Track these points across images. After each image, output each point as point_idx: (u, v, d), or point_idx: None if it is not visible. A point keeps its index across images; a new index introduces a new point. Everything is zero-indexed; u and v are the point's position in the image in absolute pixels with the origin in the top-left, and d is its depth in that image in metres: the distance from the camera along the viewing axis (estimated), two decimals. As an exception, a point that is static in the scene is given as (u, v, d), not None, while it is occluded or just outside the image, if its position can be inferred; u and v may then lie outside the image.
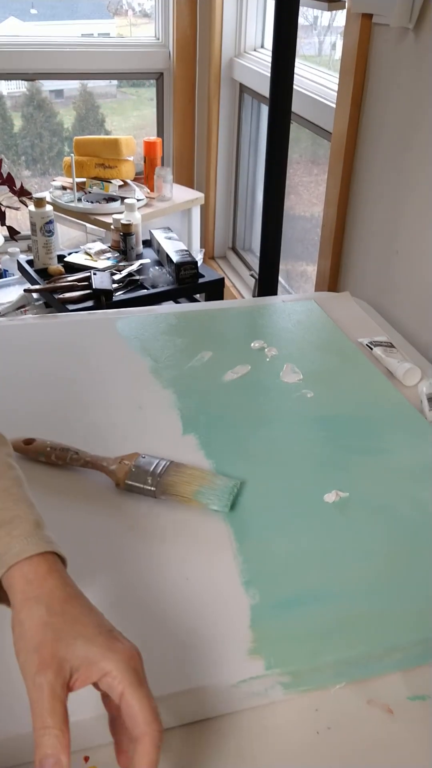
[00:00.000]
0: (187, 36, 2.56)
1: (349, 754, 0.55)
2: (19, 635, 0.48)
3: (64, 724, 0.45)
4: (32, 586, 0.49)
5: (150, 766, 0.45)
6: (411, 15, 1.12)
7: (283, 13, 1.34)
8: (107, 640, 0.47)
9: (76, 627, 0.48)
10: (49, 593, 0.49)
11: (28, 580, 0.50)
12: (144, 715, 0.46)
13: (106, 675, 0.46)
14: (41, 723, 0.45)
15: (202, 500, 0.74)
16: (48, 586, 0.49)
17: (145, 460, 0.78)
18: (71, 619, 0.48)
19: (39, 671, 0.46)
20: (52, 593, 0.49)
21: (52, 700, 0.45)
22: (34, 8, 2.77)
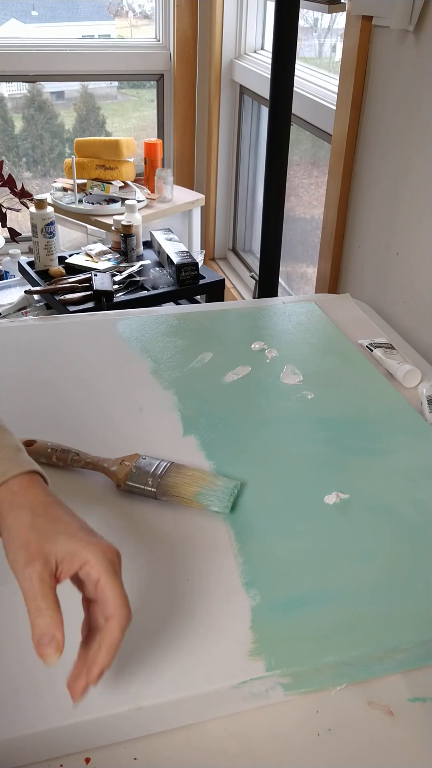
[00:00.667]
0: (188, 37, 2.56)
1: (350, 756, 0.55)
2: (7, 538, 0.52)
3: (56, 606, 0.49)
4: (17, 496, 0.54)
5: (112, 643, 0.51)
6: (411, 17, 1.12)
7: (283, 14, 1.34)
8: (87, 535, 0.53)
9: (59, 525, 0.52)
10: (33, 500, 0.54)
11: (12, 492, 0.54)
12: (115, 600, 0.51)
13: (86, 564, 0.51)
14: (35, 607, 0.50)
15: (203, 502, 0.74)
16: (31, 494, 0.55)
17: (146, 461, 0.78)
18: (54, 520, 0.53)
19: (27, 564, 0.50)
20: (36, 499, 0.54)
21: (42, 586, 0.50)
22: (35, 10, 2.77)
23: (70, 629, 0.61)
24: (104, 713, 0.54)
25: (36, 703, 0.55)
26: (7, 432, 0.61)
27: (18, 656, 0.58)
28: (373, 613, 0.63)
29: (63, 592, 0.64)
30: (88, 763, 0.54)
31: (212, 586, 0.65)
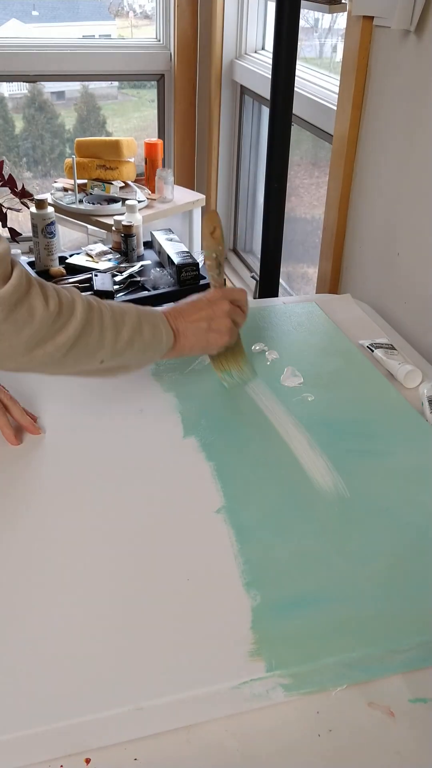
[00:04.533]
0: (188, 37, 2.56)
1: (351, 757, 0.55)
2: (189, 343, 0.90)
3: None
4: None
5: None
6: (412, 17, 1.12)
7: (283, 15, 1.34)
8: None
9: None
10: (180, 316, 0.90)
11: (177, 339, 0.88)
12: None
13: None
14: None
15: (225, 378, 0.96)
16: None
17: None
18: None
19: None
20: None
21: None
22: (36, 10, 2.77)
23: (71, 628, 0.61)
24: (104, 713, 0.54)
25: (36, 703, 0.55)
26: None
27: (18, 656, 0.58)
28: (374, 614, 0.63)
29: (63, 594, 0.64)
30: (88, 764, 0.54)
31: (212, 586, 0.65)
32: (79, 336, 0.75)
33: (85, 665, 0.58)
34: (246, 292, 0.95)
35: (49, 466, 0.82)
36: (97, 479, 0.79)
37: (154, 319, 0.84)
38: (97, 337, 0.77)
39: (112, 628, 0.61)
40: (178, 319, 0.87)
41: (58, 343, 0.73)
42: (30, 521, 0.73)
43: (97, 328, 0.77)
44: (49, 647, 0.59)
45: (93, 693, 0.55)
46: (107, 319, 0.78)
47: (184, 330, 0.87)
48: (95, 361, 0.79)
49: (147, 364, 0.92)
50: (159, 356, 0.87)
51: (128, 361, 0.84)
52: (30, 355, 0.72)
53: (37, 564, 0.68)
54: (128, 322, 0.80)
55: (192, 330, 0.88)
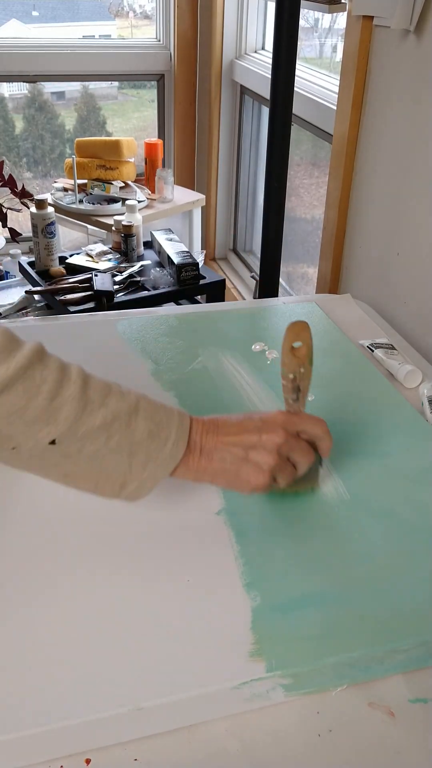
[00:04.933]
0: (188, 37, 2.56)
1: (351, 757, 0.55)
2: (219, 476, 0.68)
3: None
4: (193, 464, 0.67)
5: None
6: (412, 17, 1.12)
7: (283, 14, 1.34)
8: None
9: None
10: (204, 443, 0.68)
11: (189, 467, 0.67)
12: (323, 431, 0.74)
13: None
14: None
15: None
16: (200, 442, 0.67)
17: None
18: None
19: None
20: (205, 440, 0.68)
21: None
22: (36, 10, 2.77)
23: (72, 629, 0.61)
24: (104, 714, 0.54)
25: (36, 703, 0.55)
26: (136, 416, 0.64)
27: (18, 657, 0.58)
28: (374, 614, 0.63)
29: (63, 594, 0.64)
30: (88, 764, 0.54)
31: (213, 587, 0.65)
32: (5, 390, 0.57)
33: (85, 665, 0.58)
34: (325, 424, 0.71)
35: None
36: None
37: (166, 419, 0.64)
38: (43, 405, 0.58)
39: (112, 629, 0.61)
40: (208, 434, 0.66)
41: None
42: (30, 522, 0.73)
43: (47, 392, 0.58)
44: (50, 647, 0.59)
45: (93, 693, 0.55)
46: (71, 389, 0.59)
47: (210, 449, 0.66)
48: (41, 437, 0.58)
49: (148, 479, 0.64)
50: (163, 469, 0.64)
51: (111, 466, 0.62)
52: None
53: (37, 564, 0.68)
54: (111, 405, 0.61)
55: (221, 453, 0.66)
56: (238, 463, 0.66)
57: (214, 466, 0.66)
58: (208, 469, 0.66)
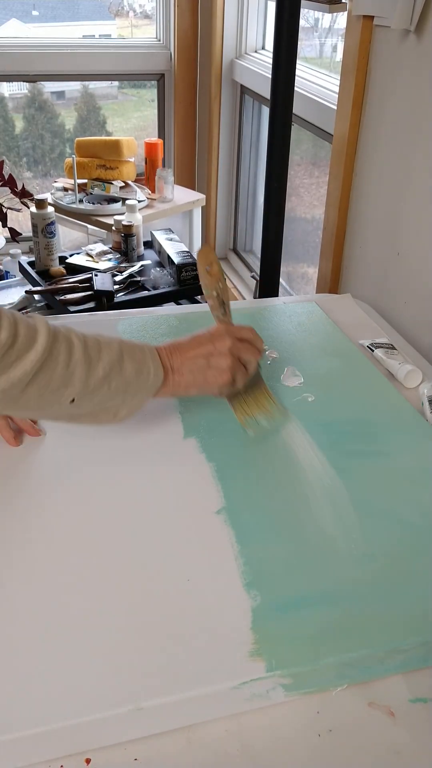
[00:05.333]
0: (188, 37, 2.56)
1: (351, 757, 0.55)
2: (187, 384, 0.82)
3: None
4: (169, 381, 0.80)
5: None
6: (412, 17, 1.12)
7: (284, 14, 1.34)
8: None
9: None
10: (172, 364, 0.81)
11: (168, 384, 0.80)
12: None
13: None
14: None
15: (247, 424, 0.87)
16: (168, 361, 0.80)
17: None
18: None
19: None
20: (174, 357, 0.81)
21: None
22: (36, 10, 2.77)
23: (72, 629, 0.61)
24: (104, 713, 0.54)
25: (36, 703, 0.55)
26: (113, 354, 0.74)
27: (18, 657, 0.58)
28: (374, 614, 0.63)
29: (63, 594, 0.64)
30: (88, 764, 0.54)
31: (213, 586, 0.65)
32: (39, 370, 0.66)
33: (85, 665, 0.58)
34: (254, 330, 0.87)
35: (50, 468, 0.82)
36: (98, 481, 0.79)
37: (141, 355, 0.77)
38: (62, 373, 0.68)
39: (112, 629, 0.61)
40: (173, 355, 0.80)
41: (12, 378, 0.65)
42: (30, 522, 0.73)
43: (63, 362, 0.69)
44: (50, 647, 0.59)
45: (93, 693, 0.55)
46: (77, 352, 0.70)
47: (179, 366, 0.80)
48: (64, 400, 0.70)
49: (137, 405, 0.78)
50: (148, 395, 0.78)
51: (110, 402, 0.75)
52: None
53: (38, 564, 0.68)
54: (105, 356, 0.72)
55: (188, 366, 0.80)
56: (204, 371, 0.81)
57: (186, 378, 0.80)
58: (181, 382, 0.80)
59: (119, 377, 0.74)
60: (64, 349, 0.69)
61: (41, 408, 0.70)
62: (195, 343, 0.82)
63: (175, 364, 0.80)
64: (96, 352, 0.72)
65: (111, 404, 0.75)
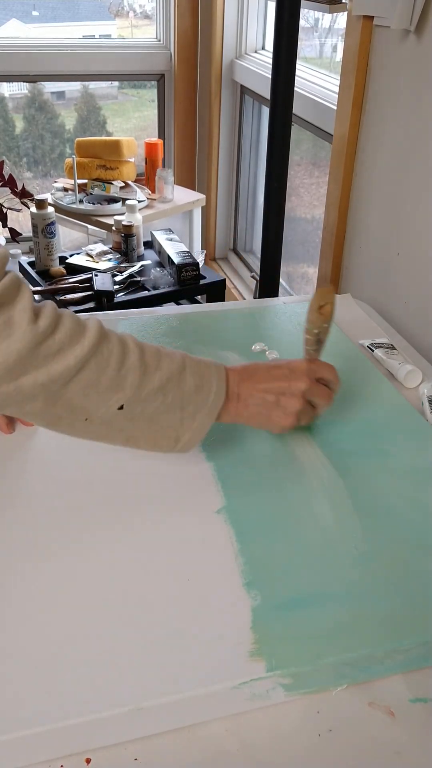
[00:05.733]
0: (188, 37, 2.56)
1: (351, 757, 0.55)
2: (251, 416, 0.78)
3: None
4: (232, 407, 0.77)
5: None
6: (412, 17, 1.12)
7: (284, 14, 1.34)
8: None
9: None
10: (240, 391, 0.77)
11: (230, 412, 0.77)
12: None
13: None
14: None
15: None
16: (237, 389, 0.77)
17: None
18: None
19: None
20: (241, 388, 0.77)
21: None
22: (36, 10, 2.77)
23: (72, 628, 0.61)
24: (104, 713, 0.54)
25: (36, 703, 0.55)
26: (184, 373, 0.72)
27: (18, 657, 0.58)
28: (374, 613, 0.63)
29: (63, 594, 0.64)
30: (88, 764, 0.54)
31: (212, 586, 0.65)
32: (83, 367, 0.64)
33: (86, 665, 0.58)
34: (335, 370, 0.82)
35: (48, 466, 0.82)
36: (96, 480, 0.79)
37: (207, 373, 0.73)
38: (113, 375, 0.66)
39: (112, 628, 0.61)
40: (243, 382, 0.76)
41: (53, 372, 0.62)
42: (29, 522, 0.73)
43: (115, 363, 0.66)
44: (50, 647, 0.59)
45: (93, 693, 0.55)
46: (133, 356, 0.67)
47: (246, 397, 0.76)
48: (111, 404, 0.66)
49: (198, 429, 0.73)
50: (209, 417, 0.73)
51: (165, 420, 0.70)
52: (16, 383, 0.61)
53: (37, 564, 0.68)
54: (165, 366, 0.69)
55: (255, 399, 0.76)
56: (270, 408, 0.77)
57: (250, 410, 0.77)
58: (244, 413, 0.77)
59: (177, 390, 0.70)
60: (117, 350, 0.66)
61: (82, 410, 0.66)
62: (270, 376, 0.77)
63: (243, 393, 0.75)
64: (155, 360, 0.69)
65: (169, 425, 0.71)
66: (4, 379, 0.60)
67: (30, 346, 0.61)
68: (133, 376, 0.67)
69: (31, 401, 0.63)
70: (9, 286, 0.62)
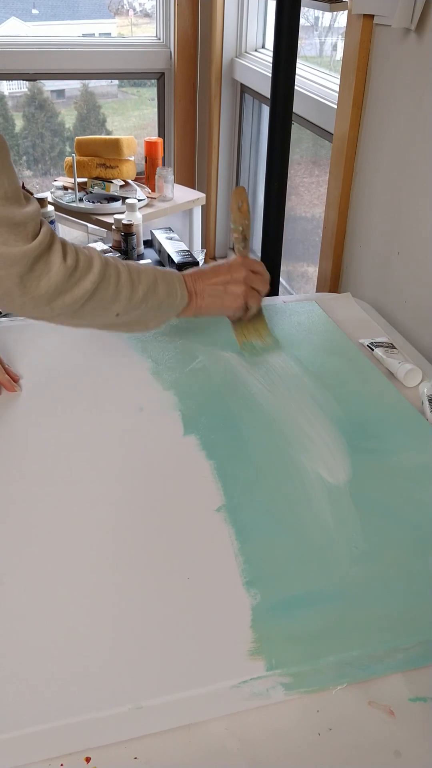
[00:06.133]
0: (188, 36, 2.56)
1: (351, 756, 0.55)
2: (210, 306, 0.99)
3: None
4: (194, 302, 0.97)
5: None
6: (412, 16, 1.12)
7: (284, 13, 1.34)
8: None
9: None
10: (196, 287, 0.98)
11: (193, 305, 0.98)
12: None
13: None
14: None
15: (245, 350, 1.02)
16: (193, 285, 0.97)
17: None
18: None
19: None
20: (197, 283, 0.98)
21: None
22: (36, 8, 2.77)
23: (71, 628, 0.61)
24: (104, 713, 0.54)
25: (36, 702, 0.55)
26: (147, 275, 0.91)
27: (18, 656, 0.58)
28: (374, 612, 0.63)
29: (63, 593, 0.64)
30: (88, 763, 0.54)
31: (212, 585, 0.65)
32: (95, 290, 0.83)
33: (85, 664, 0.58)
34: (263, 265, 1.03)
35: (50, 463, 0.82)
36: (97, 478, 0.79)
37: (171, 279, 0.92)
38: (113, 292, 0.85)
39: (111, 627, 0.61)
40: (196, 282, 0.96)
41: (75, 296, 0.82)
42: (29, 521, 0.73)
43: (113, 284, 0.85)
44: (49, 647, 0.59)
45: (93, 692, 0.55)
46: (124, 276, 0.86)
47: (201, 291, 0.96)
48: (111, 314, 0.87)
49: (164, 320, 0.96)
50: (174, 313, 0.95)
51: (144, 317, 0.92)
52: (51, 306, 0.82)
53: (36, 563, 0.68)
54: (144, 280, 0.88)
55: (208, 291, 0.96)
56: (221, 296, 0.97)
57: (206, 302, 0.97)
58: (202, 305, 0.97)
59: (154, 297, 0.90)
60: (113, 273, 0.86)
61: (93, 319, 0.88)
62: (215, 273, 0.97)
63: (198, 289, 0.96)
64: (137, 276, 0.88)
65: (146, 320, 0.93)
66: (45, 302, 0.81)
67: (63, 278, 0.81)
68: (126, 291, 0.87)
69: (60, 317, 0.85)
70: (46, 236, 0.80)
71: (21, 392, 0.95)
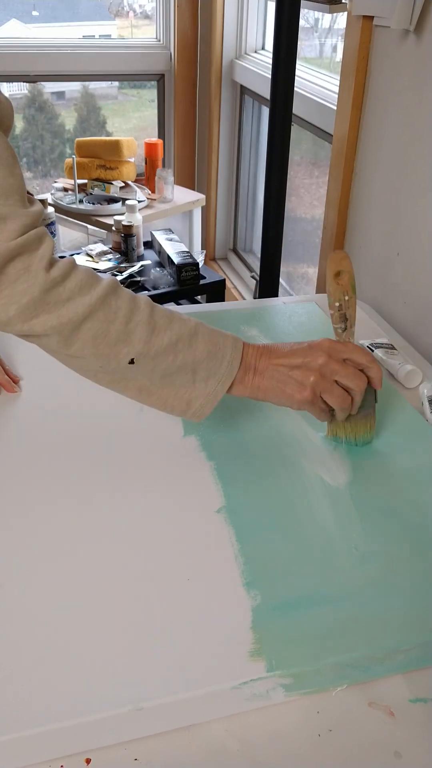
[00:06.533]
0: (188, 37, 2.56)
1: (351, 757, 0.55)
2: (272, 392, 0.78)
3: None
4: (248, 378, 0.77)
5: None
6: (412, 17, 1.12)
7: (283, 15, 1.34)
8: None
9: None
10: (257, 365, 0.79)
11: (245, 383, 0.78)
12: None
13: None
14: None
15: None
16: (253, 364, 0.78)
17: None
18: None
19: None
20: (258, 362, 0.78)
21: None
22: (36, 10, 2.77)
23: (71, 629, 0.61)
24: (104, 714, 0.54)
25: (36, 703, 0.55)
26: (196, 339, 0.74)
27: (18, 657, 0.58)
28: (375, 613, 0.63)
29: (63, 594, 0.64)
30: (88, 764, 0.54)
31: (212, 586, 0.65)
32: (90, 316, 0.69)
33: (85, 665, 0.58)
34: (371, 355, 0.78)
35: (49, 466, 0.82)
36: (97, 479, 0.79)
37: (222, 341, 0.76)
38: (121, 328, 0.70)
39: (112, 628, 0.61)
40: (261, 356, 0.77)
41: (62, 317, 0.68)
42: (29, 522, 0.73)
43: (123, 317, 0.70)
44: (49, 647, 0.59)
45: (93, 693, 0.55)
46: (142, 314, 0.71)
47: (263, 369, 0.77)
48: (122, 357, 0.71)
49: (210, 395, 0.75)
50: (221, 385, 0.75)
51: (176, 380, 0.74)
52: (29, 324, 0.68)
53: (36, 564, 0.68)
54: (175, 327, 0.73)
55: (271, 372, 0.76)
56: (285, 380, 0.76)
57: (265, 383, 0.77)
58: (261, 386, 0.77)
59: (188, 352, 0.73)
60: (125, 306, 0.71)
61: (98, 358, 0.71)
62: (289, 352, 0.77)
63: (260, 366, 0.77)
64: (166, 321, 0.73)
65: (180, 385, 0.74)
66: (19, 319, 0.67)
67: (41, 291, 0.67)
68: (141, 332, 0.71)
69: (46, 339, 0.70)
70: (33, 237, 0.67)
71: (21, 393, 0.95)
